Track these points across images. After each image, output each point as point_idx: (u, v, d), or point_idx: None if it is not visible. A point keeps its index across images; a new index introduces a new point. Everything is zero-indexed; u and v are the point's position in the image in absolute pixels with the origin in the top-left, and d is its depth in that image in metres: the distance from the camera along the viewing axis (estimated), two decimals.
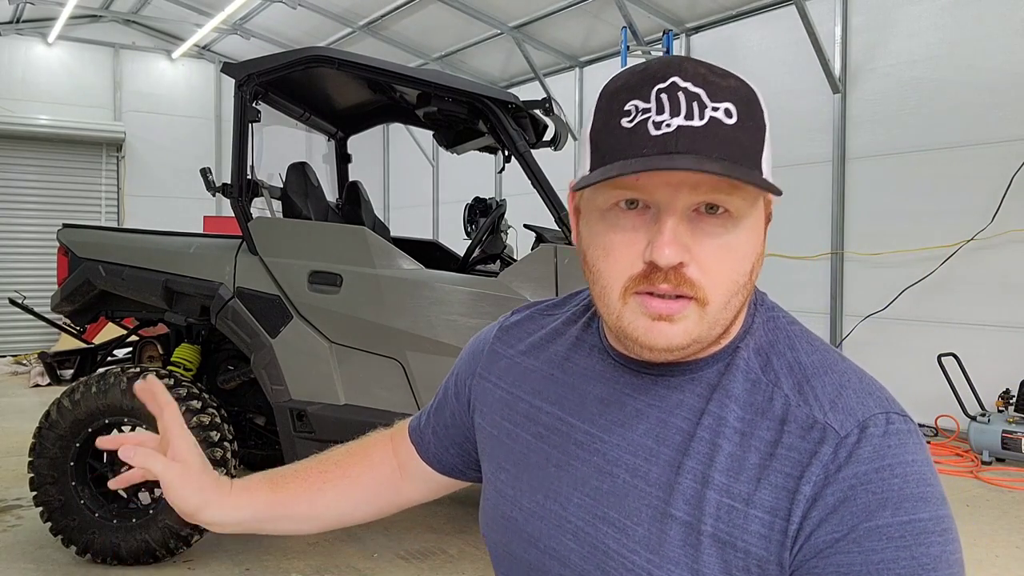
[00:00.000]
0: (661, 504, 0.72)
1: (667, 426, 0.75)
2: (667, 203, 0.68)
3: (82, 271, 3.92)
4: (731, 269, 0.70)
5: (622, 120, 0.69)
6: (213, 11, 10.51)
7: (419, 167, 12.21)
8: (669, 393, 0.77)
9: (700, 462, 0.72)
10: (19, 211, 10.86)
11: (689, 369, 0.77)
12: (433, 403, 1.05)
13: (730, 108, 0.67)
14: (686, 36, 8.23)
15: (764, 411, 0.72)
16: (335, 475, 1.00)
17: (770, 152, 0.71)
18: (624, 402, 0.79)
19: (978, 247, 5.81)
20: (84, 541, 3.62)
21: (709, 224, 0.69)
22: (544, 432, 0.83)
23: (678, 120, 0.67)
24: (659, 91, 0.68)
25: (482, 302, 3.60)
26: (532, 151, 3.82)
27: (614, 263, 0.72)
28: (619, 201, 0.71)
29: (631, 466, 0.75)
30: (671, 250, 0.67)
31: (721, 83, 0.69)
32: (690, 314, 0.70)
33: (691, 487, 0.71)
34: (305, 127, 4.65)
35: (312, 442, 3.67)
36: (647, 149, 0.67)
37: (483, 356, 0.96)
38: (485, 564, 3.74)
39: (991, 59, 5.78)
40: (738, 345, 0.77)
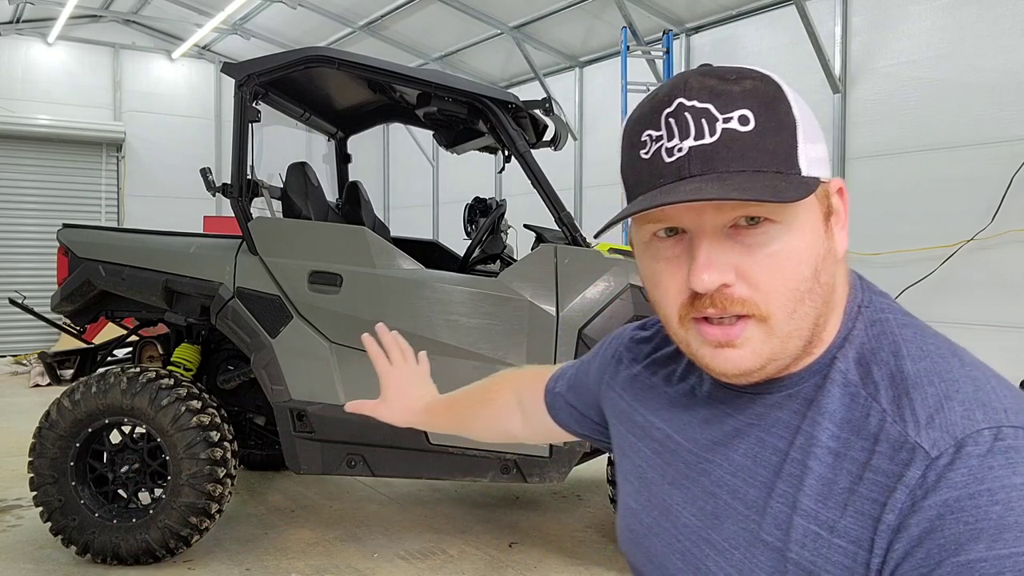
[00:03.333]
0: (755, 527, 0.69)
1: (764, 446, 0.71)
2: (695, 227, 0.67)
3: (82, 271, 3.92)
4: (786, 277, 0.66)
5: (640, 152, 0.68)
6: (213, 11, 10.51)
7: (419, 167, 12.21)
8: (768, 411, 0.73)
9: (791, 485, 0.67)
10: (19, 211, 10.85)
11: (785, 385, 0.72)
12: (571, 371, 1.06)
13: (745, 114, 0.65)
14: (686, 36, 8.23)
15: (860, 428, 0.66)
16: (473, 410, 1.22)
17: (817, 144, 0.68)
18: (725, 421, 0.76)
19: (978, 247, 5.81)
20: (84, 541, 3.62)
21: (751, 236, 0.66)
22: (659, 449, 0.83)
23: (688, 142, 0.65)
24: (667, 116, 0.66)
25: (482, 302, 3.60)
26: (532, 151, 3.82)
27: (664, 293, 0.71)
28: (656, 232, 0.70)
29: (732, 487, 0.73)
30: (708, 275, 0.65)
31: (733, 89, 0.66)
32: (752, 334, 0.67)
33: (782, 511, 0.67)
34: (305, 127, 4.65)
35: (312, 442, 3.67)
36: (663, 178, 0.66)
37: (611, 362, 0.96)
38: (485, 564, 3.74)
39: (991, 59, 5.78)
40: (835, 355, 0.71)
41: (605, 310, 3.57)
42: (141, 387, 3.59)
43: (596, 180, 9.38)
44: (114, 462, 3.74)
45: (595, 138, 9.44)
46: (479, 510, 4.55)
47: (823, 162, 0.68)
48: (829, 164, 0.70)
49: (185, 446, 3.55)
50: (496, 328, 3.59)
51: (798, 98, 0.68)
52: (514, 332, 3.59)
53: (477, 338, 3.59)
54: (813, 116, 0.70)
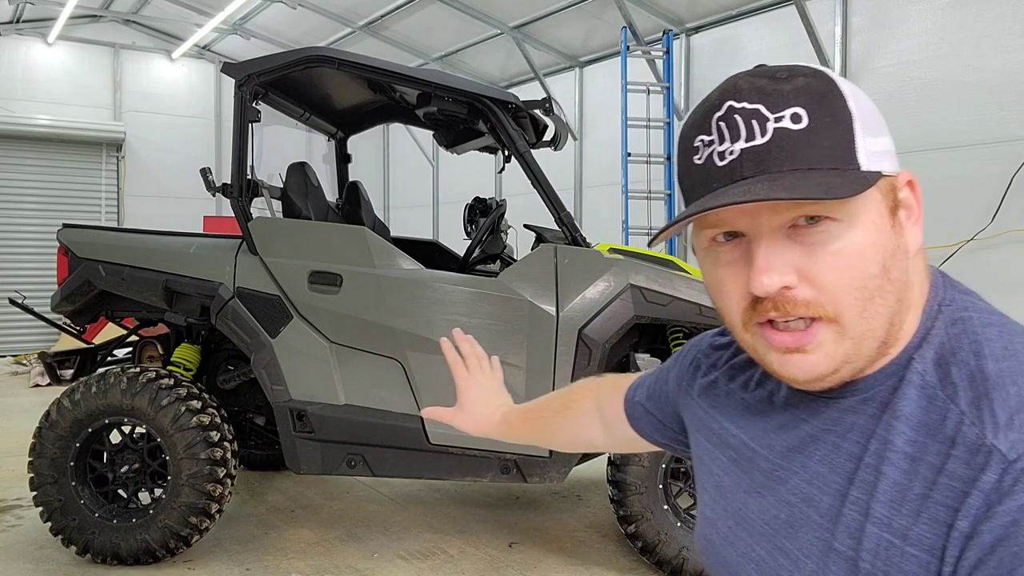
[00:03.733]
0: (828, 536, 0.67)
1: (839, 451, 0.69)
2: (752, 230, 0.66)
3: (82, 271, 3.92)
4: (852, 275, 0.64)
5: (694, 158, 0.68)
6: (213, 11, 10.51)
7: (419, 167, 12.21)
8: (843, 416, 0.70)
9: (864, 492, 0.65)
10: (19, 211, 10.85)
11: (859, 388, 0.69)
12: (650, 379, 1.05)
13: (798, 112, 0.63)
14: (686, 36, 8.23)
15: (936, 432, 0.63)
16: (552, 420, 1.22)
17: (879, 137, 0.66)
18: (800, 427, 0.74)
19: (978, 247, 5.81)
20: (84, 541, 3.62)
21: (811, 235, 0.64)
22: (736, 457, 0.81)
23: (739, 144, 0.64)
24: (717, 120, 0.66)
25: (482, 302, 3.60)
26: (532, 151, 3.82)
27: (726, 299, 0.70)
28: (714, 236, 0.69)
29: (807, 495, 0.71)
30: (767, 278, 0.64)
31: (784, 88, 0.65)
32: (824, 338, 0.65)
33: (855, 519, 0.65)
34: (305, 127, 4.65)
35: (312, 442, 3.67)
36: (716, 182, 0.65)
37: (690, 371, 0.95)
38: (485, 564, 3.74)
39: (991, 59, 5.78)
40: (912, 356, 0.68)
41: (605, 310, 3.57)
42: (141, 387, 3.59)
43: (596, 180, 9.38)
44: (114, 462, 3.74)
45: (595, 138, 9.44)
46: (479, 510, 4.55)
47: (887, 155, 0.67)
48: (895, 157, 0.68)
49: (185, 446, 3.55)
50: (496, 328, 3.59)
51: (856, 91, 0.67)
52: (514, 332, 3.59)
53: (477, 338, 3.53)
54: (875, 109, 0.68)
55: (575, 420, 1.18)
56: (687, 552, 3.46)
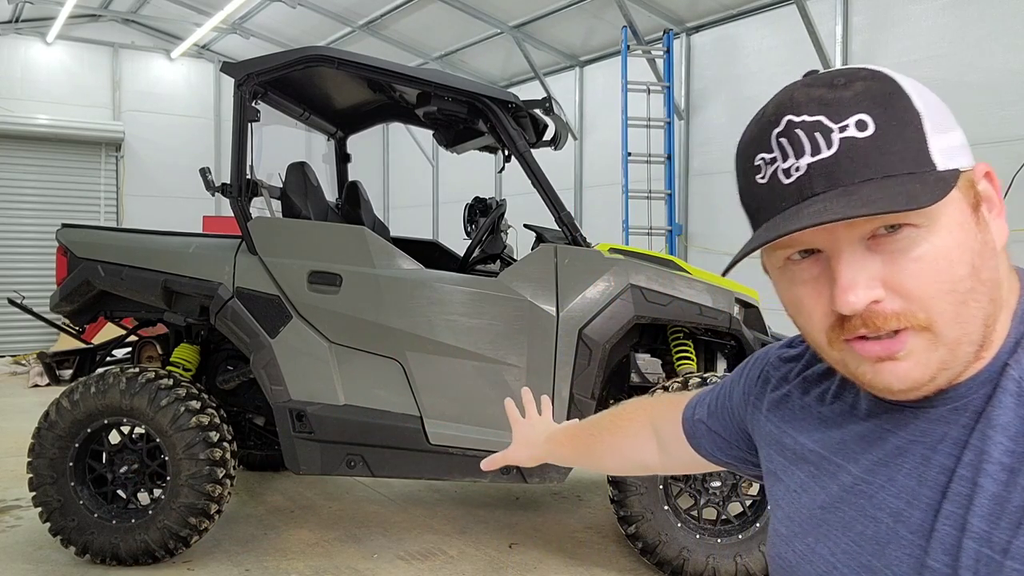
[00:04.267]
0: (920, 553, 0.64)
1: (930, 464, 0.66)
2: (830, 246, 0.63)
3: (81, 271, 3.91)
4: (941, 280, 0.61)
5: (756, 177, 0.66)
6: (212, 10, 10.49)
7: (419, 167, 12.20)
8: (932, 427, 0.67)
9: (959, 505, 0.62)
10: (18, 211, 10.84)
11: (950, 397, 0.66)
12: (710, 397, 1.02)
13: (863, 119, 0.61)
14: (686, 35, 8.22)
15: None
16: (600, 440, 1.20)
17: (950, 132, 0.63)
18: (886, 439, 0.71)
19: None
20: (83, 541, 3.61)
21: (893, 243, 0.61)
22: (813, 471, 0.78)
23: (806, 159, 0.61)
24: (777, 136, 0.63)
25: (482, 302, 3.59)
26: (532, 151, 3.81)
27: (808, 319, 0.67)
28: (789, 256, 0.66)
29: (895, 510, 0.67)
30: (853, 296, 0.61)
31: (844, 95, 0.62)
32: (916, 345, 0.62)
33: (950, 534, 0.62)
34: (305, 127, 4.64)
35: (311, 442, 3.66)
36: (785, 201, 0.63)
37: (758, 383, 0.92)
38: (485, 564, 3.73)
39: (991, 59, 5.78)
40: (1006, 361, 0.64)
41: (605, 310, 3.56)
42: (140, 387, 3.59)
43: (596, 180, 9.37)
44: (113, 462, 3.74)
45: (595, 138, 9.43)
46: (479, 510, 4.54)
47: (961, 150, 0.64)
48: (969, 150, 0.65)
49: (184, 446, 3.54)
50: (496, 328, 3.58)
51: (919, 87, 0.64)
52: (514, 332, 3.58)
53: (477, 338, 3.58)
54: (941, 104, 0.65)
55: (628, 441, 1.15)
56: (687, 553, 3.46)
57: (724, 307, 3.66)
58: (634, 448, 1.14)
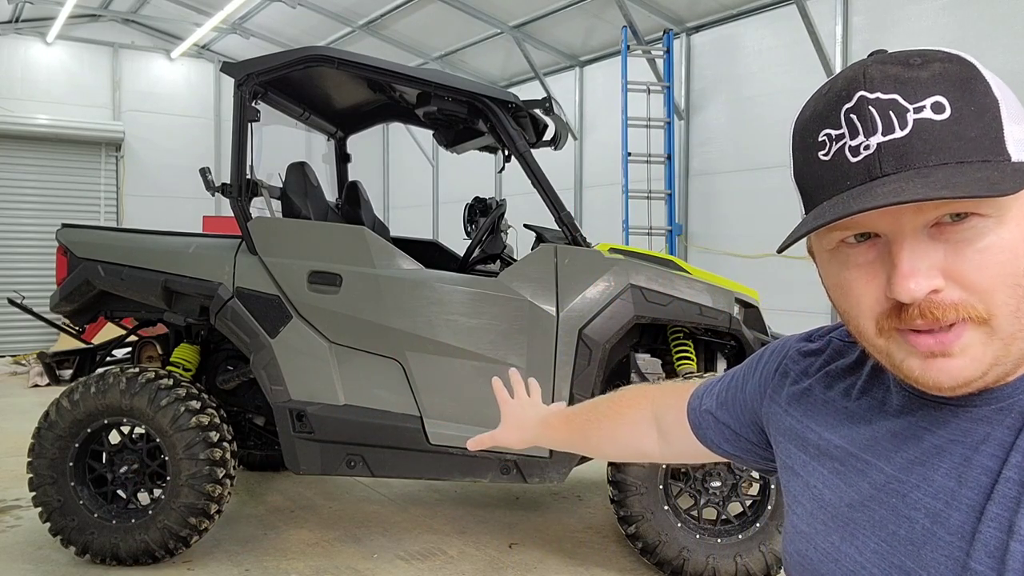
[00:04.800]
0: (961, 555, 0.62)
1: (971, 465, 0.64)
2: (893, 231, 0.61)
3: (81, 271, 3.91)
4: (1004, 273, 0.59)
5: (819, 154, 0.63)
6: (212, 10, 10.49)
7: (419, 167, 12.20)
8: (974, 427, 0.65)
9: (1006, 508, 0.60)
10: (18, 211, 10.85)
11: (995, 396, 0.65)
12: (719, 387, 1.00)
13: (940, 101, 0.59)
14: (686, 35, 8.22)
15: None
16: (595, 425, 1.18)
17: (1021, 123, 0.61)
18: (922, 437, 0.69)
19: None
20: (83, 541, 3.61)
21: (957, 232, 0.59)
22: (839, 468, 0.76)
23: (876, 138, 0.59)
24: (848, 112, 0.61)
25: (482, 302, 3.60)
26: (532, 151, 3.81)
27: (856, 303, 0.65)
28: (844, 238, 0.64)
29: (931, 510, 0.66)
30: (915, 283, 0.59)
31: (921, 75, 0.60)
32: (972, 340, 0.60)
33: (995, 537, 0.60)
34: (305, 127, 4.64)
35: (311, 442, 3.66)
36: (850, 180, 0.60)
37: (775, 376, 0.89)
38: (485, 564, 3.73)
39: (991, 59, 5.77)
40: None
41: (605, 310, 3.57)
42: (140, 387, 3.59)
43: (596, 180, 9.37)
44: (113, 462, 3.74)
45: (595, 138, 9.43)
46: (479, 510, 4.54)
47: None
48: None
49: (184, 446, 3.54)
50: (496, 328, 3.58)
51: (995, 76, 0.63)
52: (514, 332, 3.58)
53: (477, 338, 3.58)
54: (1013, 93, 0.64)
55: (628, 428, 1.13)
56: (687, 553, 3.46)
57: (724, 307, 3.66)
58: (633, 436, 1.13)
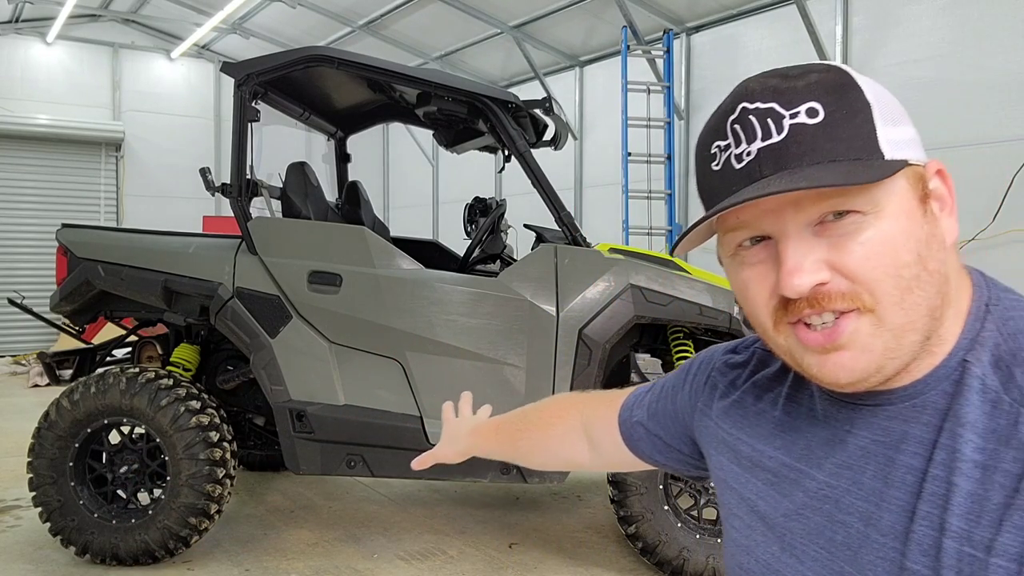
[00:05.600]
0: (897, 556, 0.63)
1: (895, 465, 0.65)
2: (778, 230, 0.64)
3: (81, 271, 3.91)
4: (885, 264, 0.61)
5: (711, 165, 0.68)
6: (212, 10, 10.49)
7: (419, 167, 12.20)
8: (892, 425, 0.67)
9: (936, 506, 0.62)
10: (18, 211, 10.85)
11: (907, 394, 0.66)
12: (649, 398, 1.00)
13: (813, 106, 0.62)
14: (686, 35, 8.22)
15: (1008, 439, 0.60)
16: (524, 434, 1.18)
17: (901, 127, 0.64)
18: (847, 440, 0.70)
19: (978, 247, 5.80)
20: (83, 541, 3.61)
21: (840, 227, 0.62)
22: (773, 479, 0.76)
23: (756, 144, 0.63)
24: (732, 123, 0.65)
25: (482, 302, 3.60)
26: (532, 151, 3.81)
27: (754, 301, 0.68)
28: (740, 242, 0.68)
29: (864, 513, 0.67)
30: (798, 279, 0.62)
31: (797, 84, 0.64)
32: (858, 329, 0.62)
33: (928, 536, 0.62)
34: (305, 127, 4.64)
35: (312, 442, 3.66)
36: (735, 185, 0.64)
37: (705, 389, 0.91)
38: (485, 564, 3.73)
39: (991, 59, 5.78)
40: (964, 358, 0.65)
41: (605, 310, 3.56)
42: (140, 387, 3.59)
43: (596, 180, 9.37)
44: (113, 462, 3.74)
45: (595, 138, 9.43)
46: (479, 510, 4.54)
47: (912, 144, 0.65)
48: (921, 146, 0.67)
49: (184, 446, 3.54)
50: (496, 328, 3.58)
51: (871, 82, 0.65)
52: (514, 332, 3.58)
53: (477, 338, 3.58)
54: (894, 99, 0.66)
55: (558, 438, 1.13)
56: (687, 553, 3.46)
57: (724, 307, 3.66)
58: (562, 446, 1.13)
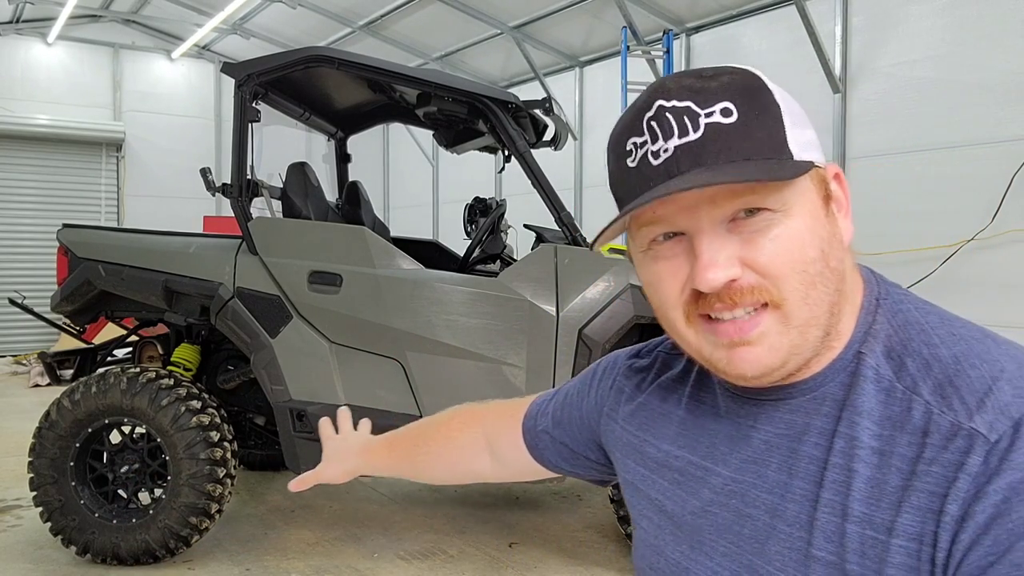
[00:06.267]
0: (803, 545, 0.65)
1: (798, 456, 0.68)
2: (693, 226, 0.65)
3: (82, 271, 3.92)
4: (793, 260, 0.64)
5: (627, 162, 0.68)
6: (213, 11, 10.50)
7: (419, 167, 12.20)
8: (793, 418, 0.69)
9: (837, 493, 0.64)
10: (19, 211, 10.85)
11: (808, 387, 0.69)
12: (553, 406, 1.01)
13: (727, 106, 0.64)
14: (686, 36, 8.22)
15: (903, 424, 0.63)
16: (422, 448, 1.16)
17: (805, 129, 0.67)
18: (751, 436, 0.72)
19: (978, 247, 5.81)
20: (84, 541, 3.62)
21: (751, 225, 0.64)
22: (680, 478, 0.78)
23: (673, 141, 0.64)
24: (648, 120, 0.66)
25: (482, 302, 3.60)
26: (532, 151, 3.82)
27: (666, 294, 0.69)
28: (654, 237, 0.69)
29: (769, 506, 0.69)
30: (713, 273, 0.63)
31: (711, 85, 0.66)
32: (768, 327, 0.65)
33: (831, 522, 0.64)
34: (305, 127, 4.65)
35: (312, 442, 3.66)
36: (652, 181, 0.65)
37: (611, 394, 0.92)
38: (485, 564, 3.73)
39: (991, 59, 5.78)
40: (860, 350, 0.68)
41: (605, 310, 3.57)
42: (141, 387, 3.59)
43: (596, 180, 9.37)
44: (114, 462, 3.74)
45: (595, 138, 9.43)
46: (479, 510, 4.55)
47: (814, 146, 0.67)
48: (820, 150, 0.69)
49: (185, 446, 3.55)
50: (496, 328, 3.59)
51: (778, 87, 0.68)
52: (514, 332, 3.59)
53: (477, 338, 3.59)
54: (798, 104, 0.69)
55: (458, 451, 1.11)
56: None
57: None
58: (463, 458, 1.11)
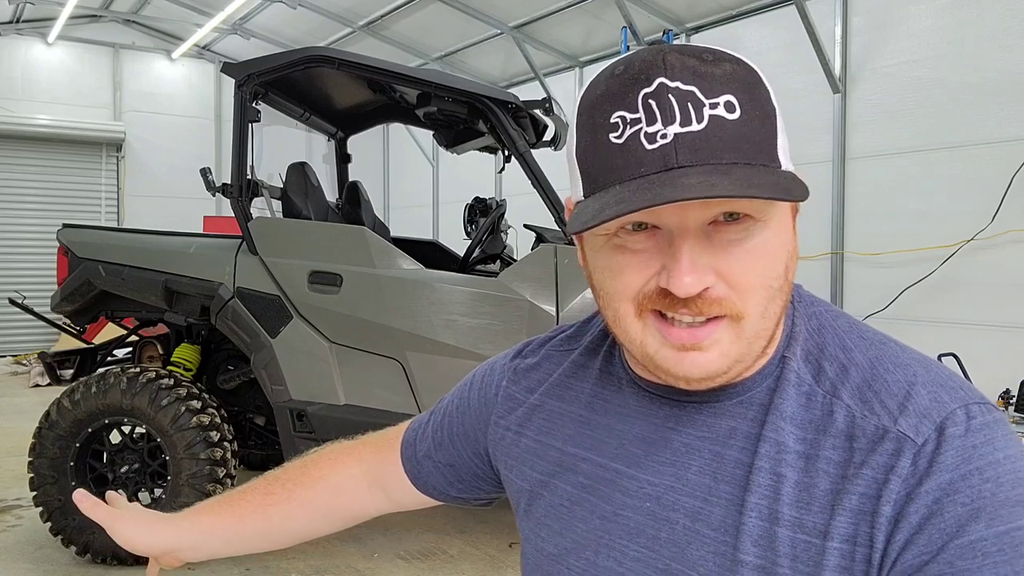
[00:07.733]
0: (728, 549, 0.64)
1: (723, 460, 0.66)
2: (678, 225, 0.60)
3: (82, 271, 3.92)
4: (763, 274, 0.62)
5: (610, 135, 0.60)
6: (213, 11, 10.50)
7: (419, 167, 12.21)
8: (718, 421, 0.68)
9: (765, 497, 0.63)
10: (19, 211, 10.85)
11: (736, 391, 0.68)
12: (430, 430, 0.94)
13: (731, 100, 0.59)
14: (686, 36, 8.22)
15: (825, 427, 0.63)
16: (281, 497, 0.95)
17: (784, 134, 0.63)
18: (670, 438, 0.70)
19: (978, 247, 5.81)
20: (84, 541, 3.62)
21: (729, 232, 0.61)
22: (585, 482, 0.74)
23: (674, 127, 0.58)
24: (646, 97, 0.59)
25: (482, 302, 3.60)
26: (532, 151, 3.82)
27: (624, 285, 0.63)
28: (624, 224, 0.62)
29: (690, 509, 0.67)
30: (690, 279, 0.59)
31: (716, 72, 0.60)
32: (722, 336, 0.62)
33: (759, 526, 0.63)
34: (305, 127, 4.65)
35: (312, 442, 3.67)
36: (644, 167, 0.58)
37: (497, 401, 0.87)
38: (485, 564, 3.73)
39: (991, 59, 5.78)
40: (784, 355, 0.67)
41: None
42: (141, 387, 3.59)
43: None
44: (114, 462, 3.75)
45: None
46: (479, 510, 4.54)
47: (789, 154, 0.64)
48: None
49: (185, 446, 3.55)
50: (496, 328, 3.59)
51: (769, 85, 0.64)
52: (514, 332, 3.59)
53: (477, 338, 3.59)
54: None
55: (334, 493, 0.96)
56: None
57: None
58: (342, 499, 0.97)
